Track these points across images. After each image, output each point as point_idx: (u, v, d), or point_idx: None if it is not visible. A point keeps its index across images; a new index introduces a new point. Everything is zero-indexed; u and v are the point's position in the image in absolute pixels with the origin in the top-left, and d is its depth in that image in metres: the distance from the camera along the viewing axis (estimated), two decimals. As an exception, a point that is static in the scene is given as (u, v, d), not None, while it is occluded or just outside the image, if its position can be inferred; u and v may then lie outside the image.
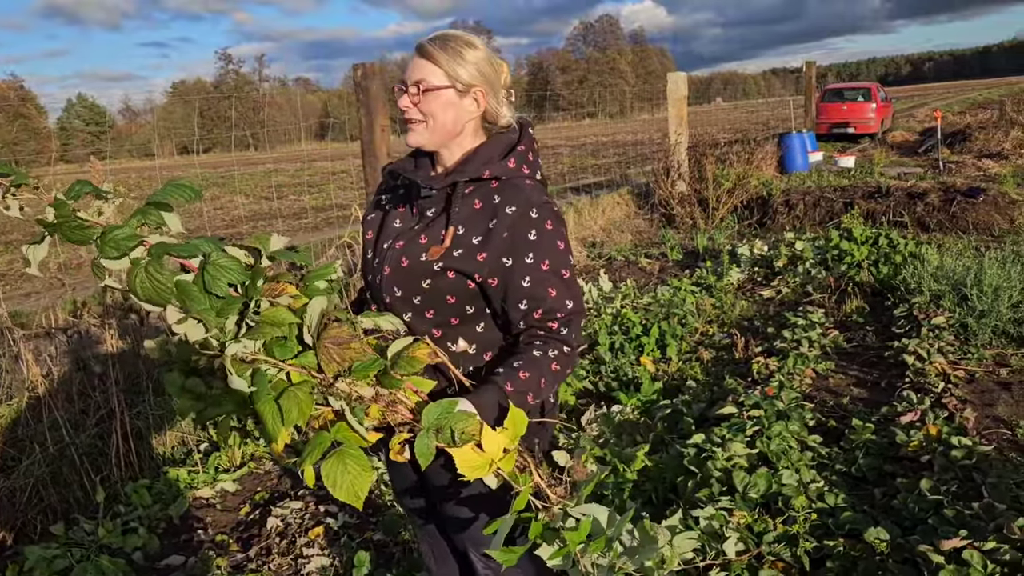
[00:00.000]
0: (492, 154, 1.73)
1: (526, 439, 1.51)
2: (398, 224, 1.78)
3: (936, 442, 3.37)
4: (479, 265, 1.64)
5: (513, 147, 1.75)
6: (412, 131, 1.73)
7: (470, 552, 1.88)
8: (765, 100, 45.57)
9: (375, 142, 4.62)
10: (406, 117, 1.72)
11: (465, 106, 1.72)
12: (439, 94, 1.68)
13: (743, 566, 2.60)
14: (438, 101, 1.69)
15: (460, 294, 1.67)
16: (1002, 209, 8.37)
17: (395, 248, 1.72)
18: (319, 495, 3.61)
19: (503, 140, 1.76)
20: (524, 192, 1.67)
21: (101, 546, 3.18)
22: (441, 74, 1.68)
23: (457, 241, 1.65)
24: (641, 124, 24.16)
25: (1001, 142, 14.51)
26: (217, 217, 15.15)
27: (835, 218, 8.83)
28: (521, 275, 1.63)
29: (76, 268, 6.61)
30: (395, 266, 1.70)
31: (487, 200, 1.67)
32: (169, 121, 72.23)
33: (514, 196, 1.66)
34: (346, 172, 17.86)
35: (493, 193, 1.68)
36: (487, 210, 1.66)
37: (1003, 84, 65.89)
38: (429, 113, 1.70)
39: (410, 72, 1.70)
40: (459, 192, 1.69)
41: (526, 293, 1.63)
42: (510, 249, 1.63)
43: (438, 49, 1.68)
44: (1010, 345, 4.73)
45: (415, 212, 1.77)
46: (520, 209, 1.65)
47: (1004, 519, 2.59)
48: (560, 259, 1.66)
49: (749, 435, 3.39)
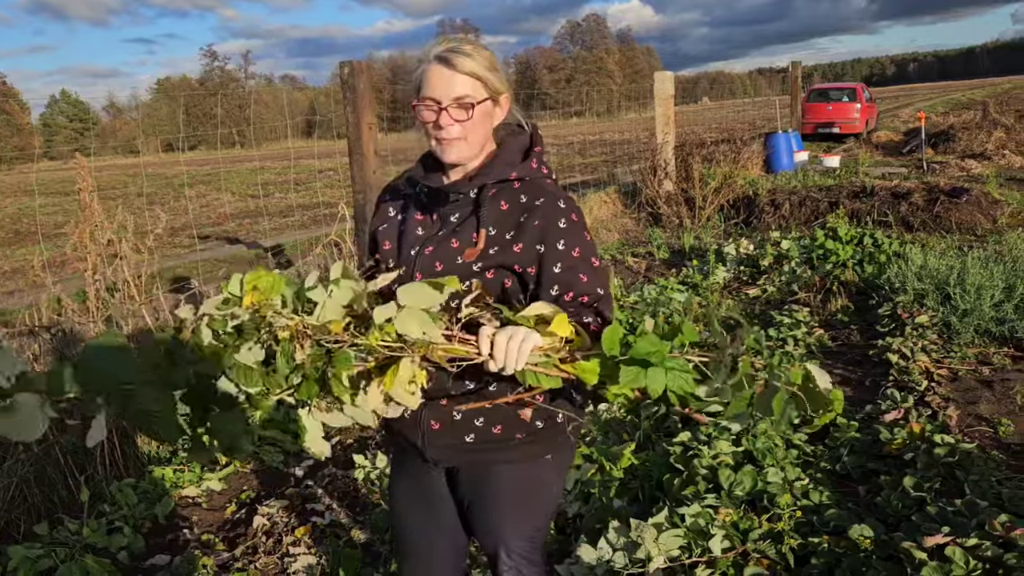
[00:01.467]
0: (513, 157, 1.75)
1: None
2: (420, 232, 1.77)
3: (919, 440, 3.40)
4: (517, 257, 1.66)
5: (530, 149, 1.78)
6: (453, 147, 1.69)
7: (499, 550, 1.86)
8: (751, 100, 45.78)
9: (362, 140, 4.61)
10: (445, 136, 1.68)
11: (496, 114, 1.75)
12: (481, 107, 1.68)
13: (729, 563, 2.61)
14: (479, 115, 1.69)
15: (498, 292, 1.69)
16: (985, 209, 8.44)
17: (425, 254, 1.72)
18: (306, 494, 3.60)
19: (518, 142, 1.79)
20: (548, 189, 1.73)
21: (86, 546, 3.16)
22: (481, 87, 1.68)
23: (491, 241, 1.67)
24: (628, 123, 24.22)
25: (984, 143, 14.64)
26: (203, 215, 15.06)
27: (820, 217, 8.87)
28: (553, 261, 1.66)
29: (60, 265, 6.57)
30: (429, 271, 1.69)
31: (513, 200, 1.71)
32: (154, 118, 71.82)
33: (539, 192, 1.71)
34: (333, 170, 17.82)
35: (518, 193, 1.72)
36: (515, 209, 1.69)
37: (986, 85, 66.48)
38: (471, 128, 1.68)
39: (445, 87, 1.65)
40: (485, 195, 1.71)
41: (558, 279, 1.65)
42: (542, 237, 1.66)
43: (475, 60, 1.66)
44: (992, 344, 4.78)
45: (435, 218, 1.76)
46: (548, 200, 1.69)
47: (986, 516, 2.62)
48: (589, 247, 1.70)
49: (735, 433, 3.41)
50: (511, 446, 1.76)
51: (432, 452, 1.79)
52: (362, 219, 4.82)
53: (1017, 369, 4.44)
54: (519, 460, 1.79)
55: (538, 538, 1.91)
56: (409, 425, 1.78)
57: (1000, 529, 2.50)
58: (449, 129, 1.67)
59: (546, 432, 1.79)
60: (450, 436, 1.75)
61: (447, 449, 1.78)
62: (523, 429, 1.75)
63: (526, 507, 1.85)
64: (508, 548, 1.85)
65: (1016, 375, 4.34)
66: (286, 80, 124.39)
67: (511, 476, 1.81)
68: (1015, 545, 2.41)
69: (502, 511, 1.83)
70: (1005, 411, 3.90)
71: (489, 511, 1.85)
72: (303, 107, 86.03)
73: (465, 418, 1.73)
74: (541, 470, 1.83)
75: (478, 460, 1.79)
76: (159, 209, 5.45)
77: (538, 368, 1.42)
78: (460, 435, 1.75)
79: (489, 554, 1.91)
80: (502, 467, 1.80)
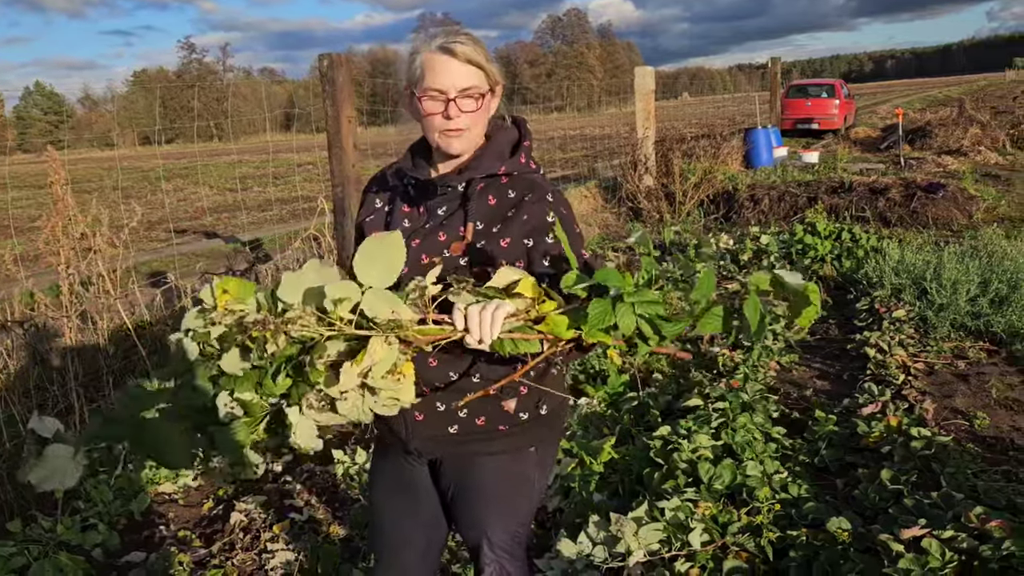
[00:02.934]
0: (502, 150, 1.74)
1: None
2: (407, 224, 1.75)
3: (896, 433, 3.43)
4: (504, 251, 1.65)
5: (519, 143, 1.77)
6: (458, 138, 1.68)
7: (482, 543, 1.85)
8: (731, 96, 45.95)
9: (341, 133, 4.57)
10: (451, 128, 1.66)
11: (493, 105, 1.75)
12: (485, 98, 1.68)
13: (708, 557, 2.62)
14: (482, 105, 1.68)
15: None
16: (961, 205, 8.53)
17: (411, 247, 1.69)
18: (284, 489, 3.57)
19: (507, 135, 1.78)
20: (537, 183, 1.72)
21: (60, 543, 3.11)
22: (484, 76, 1.67)
23: (477, 235, 1.66)
24: (608, 118, 24.23)
25: (960, 139, 14.79)
26: (180, 208, 14.90)
27: (799, 213, 8.93)
28: (542, 255, 1.65)
29: (33, 260, 6.47)
30: (415, 264, 1.67)
31: (501, 195, 1.70)
32: (131, 111, 70.94)
33: (528, 187, 1.70)
34: (312, 164, 17.69)
35: (506, 188, 1.71)
36: (503, 204, 1.68)
37: (963, 82, 67.16)
38: (475, 119, 1.68)
39: (452, 77, 1.63)
40: (473, 188, 1.70)
41: (546, 273, 1.64)
42: (531, 231, 1.66)
43: (477, 51, 1.65)
44: (968, 338, 4.83)
45: (422, 211, 1.75)
46: (537, 195, 1.69)
47: (962, 508, 2.64)
48: (578, 241, 1.69)
49: (714, 427, 3.42)
50: (495, 438, 1.76)
51: (416, 443, 1.79)
52: (341, 213, 4.79)
53: (992, 363, 4.49)
54: (503, 452, 1.79)
55: (521, 533, 1.90)
56: (393, 417, 1.77)
57: (975, 521, 2.52)
58: (457, 120, 1.65)
59: (530, 424, 1.78)
60: (434, 427, 1.75)
61: (431, 440, 1.77)
62: (507, 421, 1.75)
63: (510, 501, 1.85)
64: (491, 542, 1.85)
65: (991, 369, 4.39)
66: (265, 73, 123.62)
67: (495, 468, 1.80)
68: (990, 537, 2.43)
69: (486, 504, 1.83)
70: (980, 404, 3.94)
71: (473, 504, 1.84)
72: (282, 100, 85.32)
73: (448, 409, 1.72)
74: (525, 464, 1.83)
75: (462, 452, 1.79)
76: (135, 203, 5.38)
77: (514, 334, 1.42)
78: (444, 426, 1.74)
79: (471, 548, 1.90)
80: (486, 459, 1.79)
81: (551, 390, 1.76)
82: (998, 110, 20.07)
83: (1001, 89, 35.79)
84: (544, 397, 1.79)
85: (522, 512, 1.89)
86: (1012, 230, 7.45)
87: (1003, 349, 4.64)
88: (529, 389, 1.74)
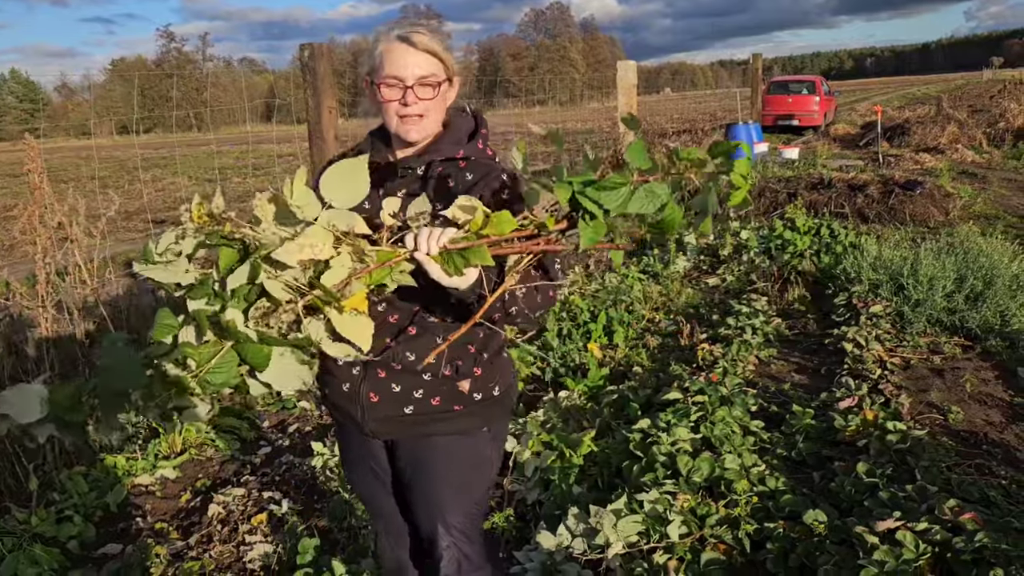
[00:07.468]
0: (460, 136, 1.80)
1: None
2: (367, 206, 1.76)
3: (872, 427, 3.46)
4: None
5: (476, 130, 1.82)
6: (416, 126, 1.73)
7: (438, 526, 1.88)
8: (713, 91, 46.12)
9: (322, 124, 4.55)
10: (408, 113, 1.71)
11: (451, 94, 1.79)
12: (442, 86, 1.72)
13: (686, 548, 2.63)
14: (439, 93, 1.73)
15: None
16: (938, 202, 8.62)
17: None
18: (263, 481, 3.56)
19: (466, 123, 1.83)
20: (493, 166, 1.77)
21: (34, 535, 3.08)
22: (441, 66, 1.72)
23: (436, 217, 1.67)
24: (591, 112, 24.26)
25: (938, 137, 14.93)
26: (158, 199, 14.74)
27: (779, 208, 8.97)
28: None
29: (8, 249, 6.38)
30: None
31: (460, 178, 1.74)
32: (108, 100, 70.14)
33: (483, 169, 1.75)
34: (293, 155, 17.56)
35: (465, 172, 1.75)
36: (461, 186, 1.73)
37: (941, 81, 67.86)
38: (432, 107, 1.73)
39: (409, 67, 1.68)
40: (432, 171, 1.75)
41: None
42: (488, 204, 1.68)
43: (435, 41, 1.70)
44: (943, 333, 4.88)
45: (382, 194, 1.77)
46: (493, 175, 1.73)
47: (936, 501, 2.68)
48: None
49: (693, 420, 3.44)
50: (449, 418, 1.80)
51: (371, 425, 1.82)
52: (322, 204, 4.76)
53: (967, 358, 4.55)
54: (457, 432, 1.83)
55: (476, 514, 1.94)
56: (348, 398, 1.81)
57: (949, 514, 2.56)
58: (414, 107, 1.70)
59: (483, 404, 1.83)
60: (389, 408, 1.78)
61: (386, 421, 1.81)
62: (461, 401, 1.79)
63: (465, 480, 1.88)
64: (447, 523, 1.88)
65: (966, 364, 4.45)
66: (245, 63, 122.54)
67: (449, 448, 1.84)
68: (963, 529, 2.46)
69: (441, 485, 1.86)
70: (955, 399, 3.99)
71: (429, 484, 1.87)
72: (262, 91, 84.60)
73: (404, 390, 1.76)
74: (479, 444, 1.87)
75: (417, 432, 1.82)
76: (112, 192, 5.31)
77: (460, 244, 1.45)
78: (399, 407, 1.78)
79: (426, 533, 1.93)
80: (440, 439, 1.83)
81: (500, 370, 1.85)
82: (975, 108, 20.28)
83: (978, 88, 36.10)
84: (498, 377, 1.84)
85: (478, 493, 1.93)
86: (988, 227, 7.53)
87: (977, 344, 4.70)
88: (483, 370, 1.80)
